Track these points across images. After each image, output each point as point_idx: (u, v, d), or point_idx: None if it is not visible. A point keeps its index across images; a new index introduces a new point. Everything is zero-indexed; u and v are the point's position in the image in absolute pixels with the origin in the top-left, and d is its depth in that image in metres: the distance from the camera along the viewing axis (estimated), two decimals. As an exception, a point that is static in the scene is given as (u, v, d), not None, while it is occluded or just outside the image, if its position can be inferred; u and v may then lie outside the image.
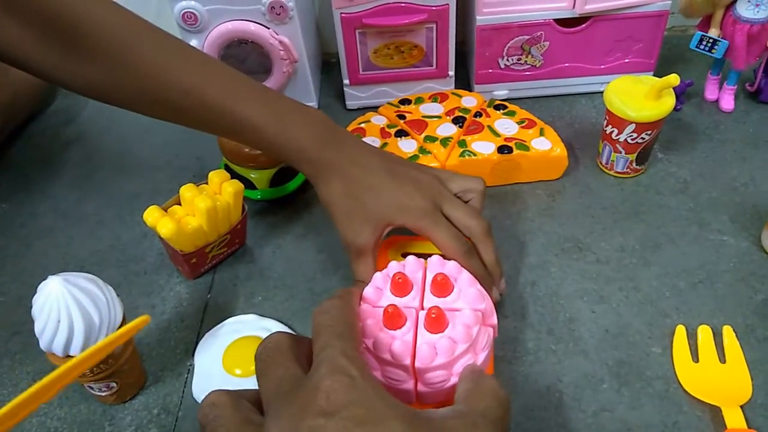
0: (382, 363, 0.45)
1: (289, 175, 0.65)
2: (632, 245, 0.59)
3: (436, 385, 0.44)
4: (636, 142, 0.61)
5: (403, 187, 0.51)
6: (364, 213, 0.51)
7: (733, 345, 0.50)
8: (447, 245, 0.49)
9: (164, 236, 0.53)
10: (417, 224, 0.50)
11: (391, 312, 0.45)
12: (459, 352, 0.44)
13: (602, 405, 0.49)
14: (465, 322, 0.44)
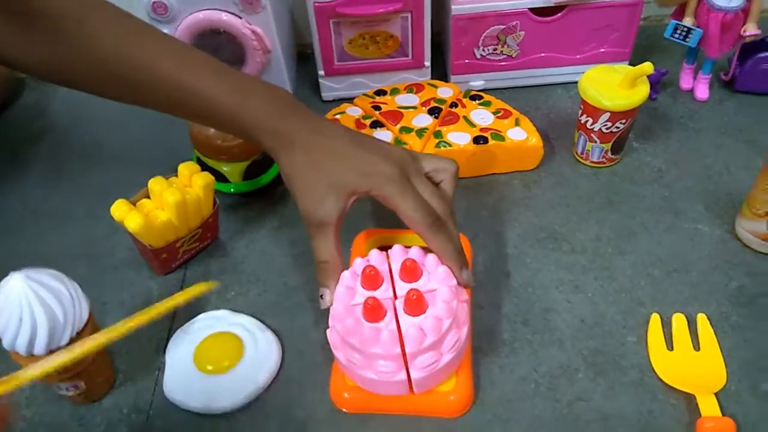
0: (372, 358, 0.44)
1: (263, 168, 0.64)
2: (607, 234, 0.59)
3: (428, 368, 0.44)
4: (611, 131, 0.61)
5: (370, 155, 0.49)
6: (327, 181, 0.48)
7: (707, 333, 0.51)
8: (413, 216, 0.47)
9: (132, 231, 0.52)
10: (383, 191, 0.48)
11: (371, 304, 0.44)
12: (445, 329, 0.44)
13: (578, 394, 0.48)
14: (444, 299, 0.44)
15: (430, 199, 0.49)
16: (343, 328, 0.45)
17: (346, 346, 0.46)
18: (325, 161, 0.49)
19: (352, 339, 0.44)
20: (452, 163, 0.52)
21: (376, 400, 0.47)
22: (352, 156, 0.49)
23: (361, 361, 0.45)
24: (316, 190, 0.48)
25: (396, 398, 0.47)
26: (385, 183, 0.48)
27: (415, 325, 0.44)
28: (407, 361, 0.45)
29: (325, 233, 0.49)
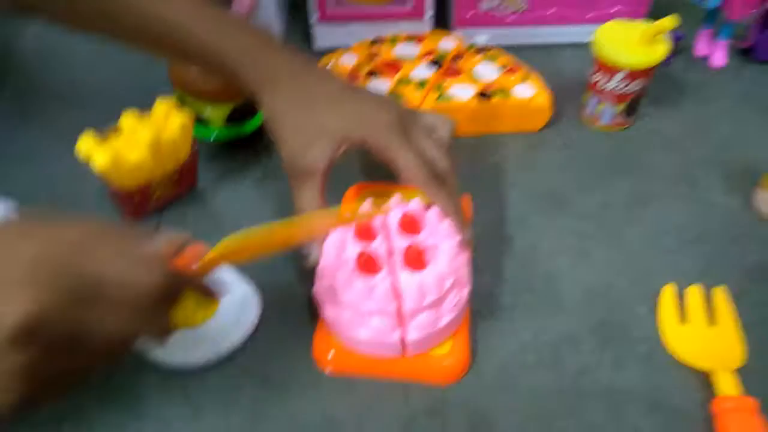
0: (364, 316, 0.40)
1: (247, 114, 0.59)
2: (616, 201, 0.55)
3: (425, 328, 0.41)
4: (625, 91, 0.57)
5: (365, 101, 0.45)
6: (316, 125, 0.43)
7: (723, 307, 0.47)
8: (413, 169, 0.43)
9: (99, 169, 0.47)
10: (379, 140, 0.43)
11: (366, 257, 0.40)
12: (447, 287, 0.40)
13: (582, 366, 0.44)
14: (447, 255, 0.40)
15: (431, 151, 0.44)
16: (332, 282, 0.41)
17: (335, 303, 0.41)
18: (315, 103, 0.44)
19: (342, 294, 0.40)
20: (450, 122, 0.48)
21: (363, 363, 0.43)
22: (345, 100, 0.44)
23: (351, 319, 0.41)
24: (303, 135, 0.44)
25: (384, 361, 0.43)
26: (383, 131, 0.43)
27: (416, 281, 0.40)
28: (403, 321, 0.40)
29: (310, 183, 0.44)
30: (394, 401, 0.43)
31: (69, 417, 0.42)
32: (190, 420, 0.42)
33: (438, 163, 0.44)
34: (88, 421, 0.41)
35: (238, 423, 0.42)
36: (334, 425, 0.42)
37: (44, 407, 0.29)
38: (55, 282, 0.27)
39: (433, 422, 0.42)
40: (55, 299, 0.27)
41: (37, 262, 0.27)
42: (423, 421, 0.42)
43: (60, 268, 0.27)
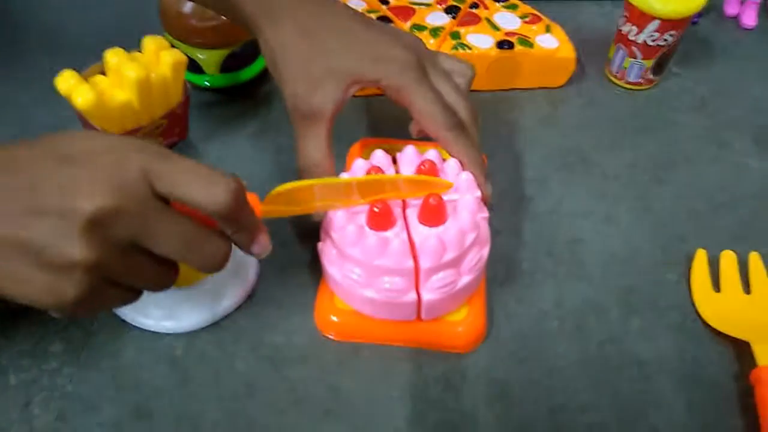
0: (376, 274, 0.36)
1: (244, 61, 0.54)
2: (644, 162, 0.51)
3: (443, 289, 0.37)
4: (657, 44, 0.53)
5: (380, 36, 0.40)
6: (325, 62, 0.39)
7: (759, 274, 0.43)
8: (432, 114, 0.38)
9: (81, 108, 0.42)
10: (396, 81, 0.39)
11: (380, 209, 0.36)
12: (468, 244, 0.36)
13: (608, 335, 0.41)
14: (468, 209, 0.36)
15: (451, 97, 0.40)
16: (341, 237, 0.37)
17: (343, 260, 0.37)
18: (324, 38, 0.39)
19: (352, 250, 0.36)
20: (470, 67, 0.44)
21: (370, 327, 0.39)
22: (358, 35, 0.40)
23: (361, 277, 0.37)
24: (310, 73, 0.39)
25: (394, 326, 0.39)
26: (400, 71, 0.39)
27: (435, 236, 0.36)
28: (418, 280, 0.37)
29: (316, 129, 0.39)
30: (404, 370, 0.39)
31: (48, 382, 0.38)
32: (179, 387, 0.38)
33: (459, 109, 0.40)
34: (72, 387, 0.37)
35: (231, 392, 0.38)
36: (339, 396, 0.38)
37: (85, 315, 0.30)
38: (133, 186, 0.28)
39: (447, 394, 0.38)
40: (131, 202, 0.27)
41: (123, 166, 0.28)
42: (436, 392, 0.38)
43: (141, 175, 0.28)
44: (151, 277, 0.31)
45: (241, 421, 0.37)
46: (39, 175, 0.27)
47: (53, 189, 0.27)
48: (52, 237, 0.27)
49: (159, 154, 0.29)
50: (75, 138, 0.29)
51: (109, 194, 0.27)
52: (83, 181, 0.27)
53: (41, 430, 0.36)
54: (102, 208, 0.27)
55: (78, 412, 0.36)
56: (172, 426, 0.36)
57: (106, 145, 0.29)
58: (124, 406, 0.37)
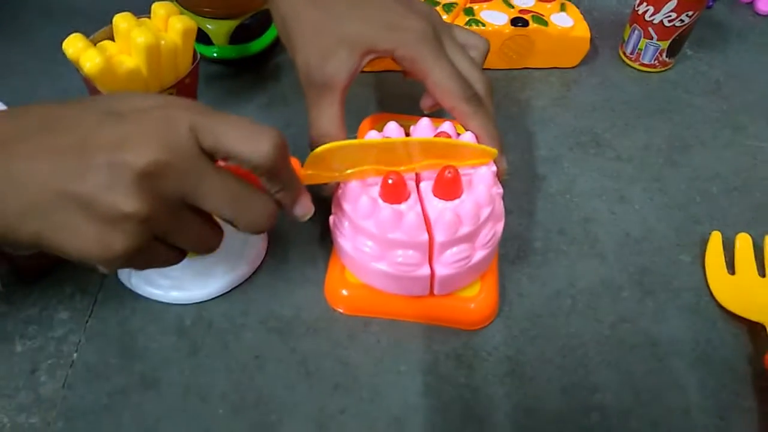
0: (390, 246, 0.36)
1: (253, 33, 0.53)
2: (658, 144, 0.51)
3: (457, 263, 0.36)
4: (673, 24, 0.52)
5: (395, 5, 0.39)
6: (338, 31, 0.38)
7: (775, 257, 0.43)
8: (448, 85, 0.37)
9: (88, 73, 0.41)
10: (411, 51, 0.37)
11: (393, 181, 0.35)
12: (483, 218, 0.35)
13: (622, 315, 0.40)
14: (484, 183, 0.35)
15: (468, 70, 0.39)
16: (354, 209, 0.36)
17: (356, 232, 0.37)
18: (337, 7, 0.38)
19: (366, 222, 0.35)
20: (484, 40, 0.42)
21: (380, 301, 0.39)
22: (373, 3, 0.39)
23: (374, 250, 0.36)
24: (323, 41, 0.38)
25: (404, 301, 0.38)
26: (414, 41, 0.38)
27: (451, 210, 0.35)
28: (432, 254, 0.36)
29: (330, 98, 0.38)
30: (414, 345, 0.38)
31: (55, 350, 0.37)
32: (186, 358, 0.37)
33: (474, 82, 0.39)
34: (78, 355, 0.37)
35: (240, 364, 0.37)
36: (348, 369, 0.37)
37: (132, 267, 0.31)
38: (181, 141, 0.28)
39: (458, 370, 0.38)
40: (180, 157, 0.28)
41: (171, 122, 0.28)
42: (446, 368, 0.38)
43: (188, 131, 0.28)
44: (198, 236, 0.31)
45: (250, 393, 0.36)
46: (89, 132, 0.28)
47: (103, 144, 0.27)
48: (104, 190, 0.27)
49: (204, 110, 0.29)
50: (123, 97, 0.30)
51: (159, 149, 0.27)
52: (133, 137, 0.27)
53: (48, 397, 0.35)
54: (152, 162, 0.27)
55: (85, 379, 0.36)
56: (180, 396, 0.36)
57: (152, 102, 0.29)
58: (131, 375, 0.36)
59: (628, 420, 0.36)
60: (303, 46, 0.39)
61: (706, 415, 0.36)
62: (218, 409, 0.35)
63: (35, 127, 0.28)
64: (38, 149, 0.27)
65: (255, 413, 0.35)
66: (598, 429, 0.36)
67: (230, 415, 0.35)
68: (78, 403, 0.35)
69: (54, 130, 0.28)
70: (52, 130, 0.28)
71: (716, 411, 0.37)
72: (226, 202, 0.30)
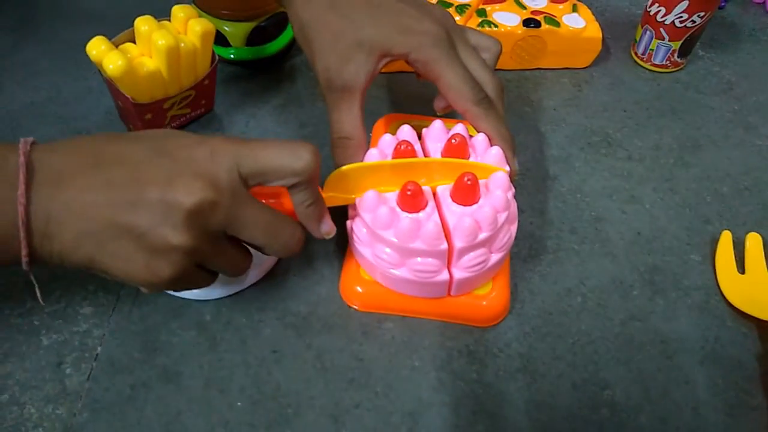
0: (410, 255, 0.36)
1: (270, 35, 0.54)
2: (669, 144, 0.51)
3: (475, 267, 0.37)
4: (685, 25, 0.52)
5: (409, 8, 0.40)
6: (355, 35, 0.39)
7: (785, 257, 0.43)
8: (461, 88, 0.38)
9: (112, 75, 0.42)
10: (425, 54, 0.38)
11: (412, 191, 0.36)
12: (501, 223, 0.36)
13: (632, 313, 0.41)
14: (501, 187, 0.36)
15: (480, 72, 0.40)
16: (374, 218, 0.36)
17: (374, 240, 0.37)
18: (354, 11, 0.39)
19: (385, 232, 0.36)
20: (497, 42, 0.43)
21: (394, 299, 0.39)
22: (388, 7, 0.40)
23: (393, 258, 0.37)
24: (341, 46, 0.39)
25: (418, 298, 0.39)
26: (428, 44, 0.38)
27: (469, 215, 0.35)
28: (450, 260, 0.37)
29: (349, 102, 0.39)
30: (428, 342, 0.39)
31: (79, 344, 0.38)
32: (205, 353, 0.38)
33: (486, 84, 0.40)
34: (102, 348, 0.38)
35: (258, 359, 0.38)
36: (363, 365, 0.38)
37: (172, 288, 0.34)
38: (226, 177, 0.31)
39: (470, 366, 0.38)
40: (225, 194, 0.31)
41: (216, 157, 0.31)
42: (459, 364, 0.38)
43: (232, 164, 0.32)
44: (232, 261, 0.34)
45: (267, 387, 0.37)
46: (140, 168, 0.30)
47: (155, 180, 0.30)
48: (156, 224, 0.30)
49: (242, 140, 0.33)
50: (167, 134, 0.33)
51: (206, 187, 0.30)
52: (183, 174, 0.30)
53: (73, 389, 0.36)
54: (200, 202, 0.30)
55: (108, 372, 0.37)
56: (201, 389, 0.37)
57: (196, 139, 0.32)
58: (153, 368, 0.37)
59: (638, 416, 0.37)
60: (322, 52, 0.39)
61: (715, 412, 0.37)
62: (237, 402, 0.36)
63: (89, 162, 0.31)
64: (94, 182, 0.30)
65: (272, 406, 0.36)
66: (608, 425, 0.36)
67: (248, 408, 0.36)
68: (102, 395, 0.36)
69: (107, 164, 0.31)
70: (105, 165, 0.31)
71: (725, 408, 0.37)
72: (262, 233, 0.33)
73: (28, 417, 0.35)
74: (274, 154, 0.32)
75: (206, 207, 0.30)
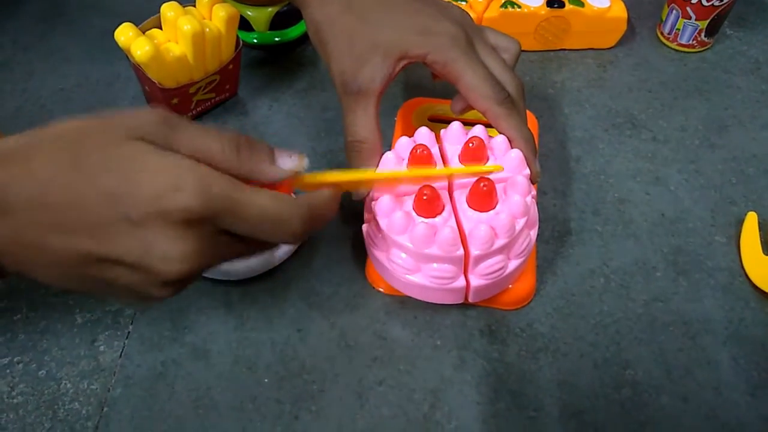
0: (426, 260, 0.36)
1: (292, 19, 0.55)
2: (695, 125, 0.50)
3: (492, 275, 0.36)
4: (712, 4, 0.51)
5: (426, 9, 0.39)
6: (371, 38, 0.38)
7: (812, 238, 0.43)
8: (481, 88, 0.37)
9: (139, 60, 0.43)
10: (443, 56, 0.37)
11: (428, 195, 0.35)
12: (519, 229, 0.35)
13: (655, 294, 0.41)
14: (519, 192, 0.35)
15: (500, 73, 0.39)
16: (389, 223, 0.36)
17: (390, 245, 0.37)
18: (369, 12, 0.38)
19: (401, 237, 0.35)
20: (516, 42, 0.41)
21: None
22: (404, 8, 0.39)
23: (408, 263, 0.36)
24: (357, 49, 0.38)
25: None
26: (449, 46, 0.37)
27: (486, 222, 0.35)
28: (467, 267, 0.36)
29: (364, 105, 0.38)
30: (450, 321, 0.40)
31: (112, 322, 0.40)
32: (233, 331, 0.39)
33: (507, 84, 0.38)
34: (133, 327, 0.39)
35: (284, 337, 0.39)
36: (386, 344, 0.39)
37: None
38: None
39: (492, 345, 0.39)
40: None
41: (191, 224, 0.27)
42: (481, 344, 0.39)
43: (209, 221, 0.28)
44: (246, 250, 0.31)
45: (293, 364, 0.38)
46: (113, 244, 0.27)
47: (132, 255, 0.27)
48: (135, 295, 0.28)
49: (228, 198, 0.28)
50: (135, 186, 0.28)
51: (195, 254, 0.27)
52: (159, 243, 0.27)
53: (107, 366, 0.38)
54: (190, 267, 0.27)
55: (140, 350, 0.38)
56: (229, 366, 0.38)
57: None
58: (183, 346, 0.39)
59: (660, 396, 0.37)
60: (337, 54, 0.39)
61: (737, 392, 0.37)
62: (264, 379, 0.37)
63: (63, 204, 0.27)
64: (69, 222, 0.27)
65: (298, 382, 0.37)
66: (629, 404, 0.37)
67: (275, 384, 0.37)
68: (134, 371, 0.38)
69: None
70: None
71: (747, 388, 0.37)
72: (258, 227, 0.29)
73: (64, 392, 0.37)
74: (258, 231, 0.29)
75: (188, 275, 0.28)
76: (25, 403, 0.36)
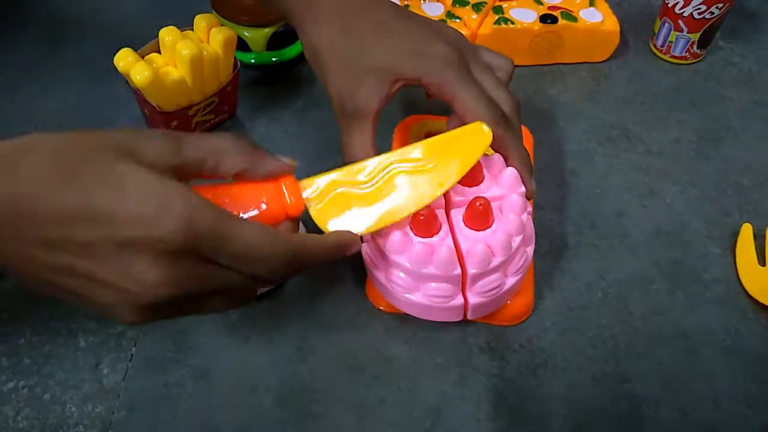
0: (424, 280, 0.37)
1: (290, 39, 0.55)
2: (689, 137, 0.51)
3: (490, 293, 0.37)
4: (703, 17, 0.52)
5: (421, 31, 0.39)
6: (367, 60, 0.38)
7: (807, 249, 0.43)
8: (476, 109, 0.37)
9: (139, 85, 0.44)
10: (438, 77, 0.38)
11: (425, 216, 0.36)
12: (515, 247, 0.36)
13: (652, 307, 0.41)
14: (514, 210, 0.36)
15: (495, 92, 0.39)
16: (387, 243, 0.36)
17: (388, 265, 0.37)
18: (365, 35, 0.39)
19: (398, 257, 0.36)
20: (509, 61, 0.42)
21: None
22: (399, 31, 0.39)
23: (407, 282, 0.37)
24: (353, 71, 0.38)
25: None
26: (443, 67, 0.38)
27: (482, 241, 0.35)
28: (465, 285, 0.37)
29: (361, 126, 0.39)
30: (450, 338, 0.40)
31: (115, 345, 0.40)
32: (236, 350, 0.40)
33: (502, 104, 0.39)
34: (136, 350, 0.40)
35: (285, 355, 0.40)
36: (387, 361, 0.39)
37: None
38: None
39: (492, 362, 0.39)
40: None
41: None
42: (481, 360, 0.39)
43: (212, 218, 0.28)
44: (230, 294, 0.31)
45: (294, 384, 0.38)
46: (95, 261, 0.27)
47: (111, 275, 0.27)
48: (111, 314, 0.29)
49: (214, 235, 0.28)
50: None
51: (169, 283, 0.27)
52: (136, 266, 0.27)
53: (111, 389, 0.38)
54: (163, 294, 0.28)
55: (143, 372, 0.39)
56: (230, 386, 0.38)
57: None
58: (186, 367, 0.39)
59: (658, 408, 0.37)
60: (334, 76, 0.39)
61: (735, 404, 0.37)
62: (265, 401, 0.38)
63: (50, 216, 0.27)
64: (64, 241, 0.27)
65: (300, 401, 0.38)
66: (628, 417, 0.37)
67: (277, 405, 0.38)
68: (138, 393, 0.38)
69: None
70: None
71: (745, 400, 0.37)
72: (239, 260, 0.29)
73: (69, 415, 0.37)
74: (246, 265, 0.29)
75: (170, 297, 0.28)
76: (30, 428, 0.37)
